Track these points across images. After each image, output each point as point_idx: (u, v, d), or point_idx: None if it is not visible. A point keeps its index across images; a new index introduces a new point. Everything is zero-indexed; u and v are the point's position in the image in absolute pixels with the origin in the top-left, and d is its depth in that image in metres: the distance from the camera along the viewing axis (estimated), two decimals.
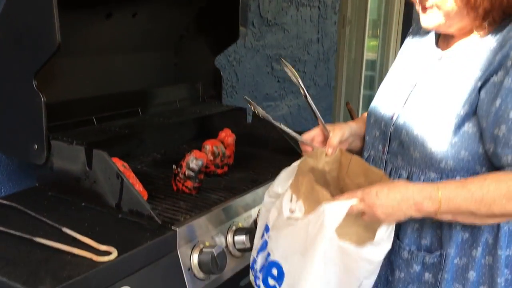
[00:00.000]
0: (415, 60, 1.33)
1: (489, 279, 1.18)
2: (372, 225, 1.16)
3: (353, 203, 1.11)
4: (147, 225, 1.25)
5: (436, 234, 1.22)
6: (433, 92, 1.22)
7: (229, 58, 2.55)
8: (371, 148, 1.34)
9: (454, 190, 1.08)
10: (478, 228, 1.17)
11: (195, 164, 1.47)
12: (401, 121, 1.23)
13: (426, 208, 1.09)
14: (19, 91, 1.38)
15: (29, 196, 1.43)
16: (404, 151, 1.23)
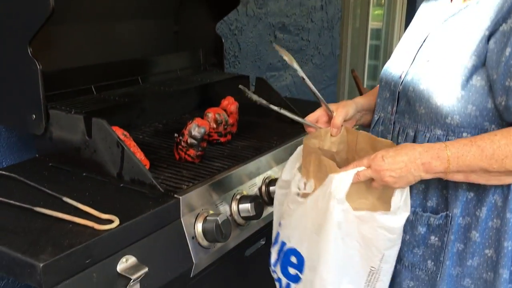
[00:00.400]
0: (425, 19, 1.30)
1: (495, 242, 1.15)
2: (387, 196, 1.13)
3: (360, 170, 1.09)
4: (149, 194, 1.23)
5: (442, 194, 1.20)
6: (441, 46, 1.18)
7: (230, 27, 2.49)
8: (381, 110, 1.32)
9: (463, 148, 1.06)
10: (484, 188, 1.14)
11: (198, 132, 1.44)
12: (409, 78, 1.21)
13: (435, 168, 1.06)
14: (15, 59, 1.34)
15: (29, 167, 1.41)
16: (410, 108, 1.20)
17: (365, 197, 1.14)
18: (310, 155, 1.19)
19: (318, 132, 1.29)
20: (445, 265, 1.19)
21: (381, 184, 1.10)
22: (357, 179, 1.09)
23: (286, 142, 1.64)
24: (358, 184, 1.12)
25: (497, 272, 1.15)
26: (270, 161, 1.55)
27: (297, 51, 3.06)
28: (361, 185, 1.12)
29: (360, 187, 1.12)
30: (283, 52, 1.34)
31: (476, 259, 1.17)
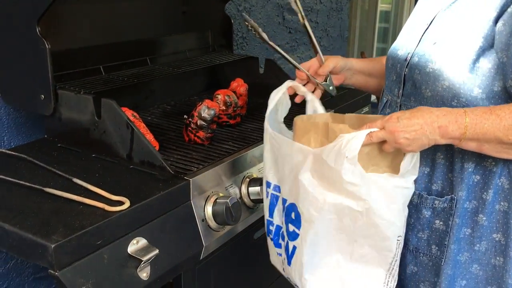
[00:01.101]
0: (432, 1, 1.27)
1: (503, 226, 1.14)
2: (397, 163, 1.11)
3: (373, 131, 1.07)
4: (159, 176, 1.22)
5: (448, 178, 1.18)
6: (447, 29, 1.16)
7: (239, 8, 2.45)
8: (389, 92, 1.30)
9: (482, 115, 1.04)
10: (490, 171, 1.13)
11: (207, 114, 1.42)
12: (415, 60, 1.19)
13: (451, 133, 1.04)
14: (23, 39, 1.32)
15: (38, 147, 1.40)
16: (416, 91, 1.18)
17: (376, 163, 1.11)
18: (308, 133, 1.14)
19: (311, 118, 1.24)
20: (449, 249, 1.18)
21: (394, 146, 1.07)
22: (369, 140, 1.06)
23: None
24: (370, 149, 1.08)
25: (508, 256, 1.13)
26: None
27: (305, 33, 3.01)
28: (372, 150, 1.09)
29: (371, 152, 1.09)
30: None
31: (484, 243, 1.16)
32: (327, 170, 1.07)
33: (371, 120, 1.12)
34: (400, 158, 1.11)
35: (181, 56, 1.86)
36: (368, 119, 1.16)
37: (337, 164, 1.04)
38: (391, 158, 1.11)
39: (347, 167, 1.03)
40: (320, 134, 1.12)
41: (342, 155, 1.03)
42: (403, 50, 1.26)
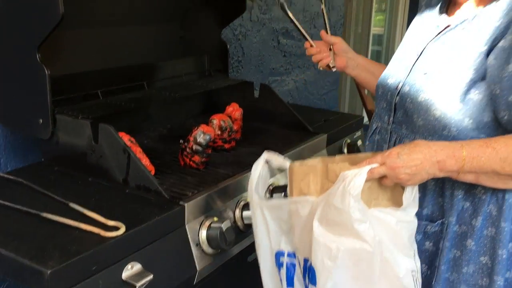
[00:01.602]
0: (421, 31, 1.32)
1: (490, 250, 1.18)
2: (396, 196, 1.13)
3: (373, 167, 1.09)
4: (155, 200, 1.24)
5: (438, 202, 1.22)
6: (438, 59, 1.21)
7: (234, 32, 2.50)
8: (379, 119, 1.34)
9: (478, 149, 1.07)
10: (479, 198, 1.17)
11: (203, 139, 1.44)
12: (406, 89, 1.23)
13: (450, 167, 1.07)
14: (23, 64, 1.35)
15: (35, 171, 1.42)
16: (408, 119, 1.22)
17: (376, 197, 1.13)
18: (306, 176, 1.15)
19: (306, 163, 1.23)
20: (440, 270, 1.22)
21: (394, 181, 1.10)
22: (371, 176, 1.08)
23: (290, 149, 1.65)
24: (370, 183, 1.10)
25: (492, 279, 1.17)
26: (274, 168, 1.56)
27: (299, 56, 3.07)
28: (372, 185, 1.11)
29: (372, 186, 1.11)
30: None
31: (472, 266, 1.19)
32: (334, 213, 1.07)
33: (364, 158, 1.13)
34: (398, 191, 1.13)
35: (178, 81, 1.89)
36: (359, 158, 1.17)
37: (344, 204, 1.05)
38: (391, 191, 1.14)
39: (353, 205, 1.05)
40: (319, 176, 1.14)
41: (348, 193, 1.05)
42: (393, 79, 1.30)
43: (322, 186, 1.13)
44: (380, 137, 1.33)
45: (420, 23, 1.36)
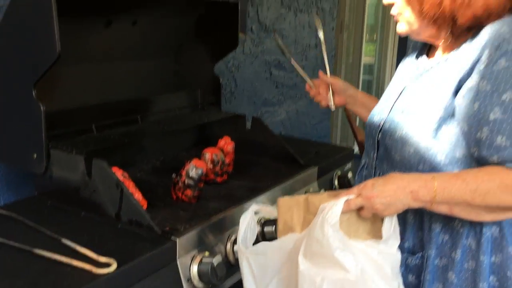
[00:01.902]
0: (405, 72, 1.40)
1: (472, 283, 1.20)
2: (376, 229, 1.17)
3: (350, 198, 1.14)
4: (147, 235, 1.25)
5: (418, 236, 1.27)
6: (414, 98, 1.27)
7: (228, 64, 2.55)
8: (367, 155, 1.41)
9: (449, 180, 1.12)
10: (457, 232, 1.21)
11: (195, 173, 1.47)
12: (386, 127, 1.29)
13: (422, 197, 1.11)
14: (19, 100, 1.38)
15: (28, 205, 1.43)
16: (388, 155, 1.28)
17: (356, 230, 1.17)
18: (290, 210, 1.21)
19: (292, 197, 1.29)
20: None
21: (371, 212, 1.15)
22: (348, 207, 1.14)
23: (281, 182, 1.67)
24: (349, 216, 1.15)
25: None
26: (266, 202, 1.58)
27: (291, 87, 3.13)
28: (351, 218, 1.16)
29: (350, 219, 1.16)
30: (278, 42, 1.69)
31: None
32: (316, 245, 1.11)
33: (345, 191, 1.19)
34: (377, 225, 1.17)
35: (171, 114, 1.92)
36: (339, 192, 1.22)
37: (323, 234, 1.09)
38: (370, 224, 1.17)
39: (332, 234, 1.09)
40: (301, 210, 1.20)
41: (326, 223, 1.09)
42: (377, 117, 1.37)
43: (304, 218, 1.19)
44: (367, 172, 1.39)
45: (406, 65, 1.43)
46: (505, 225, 1.19)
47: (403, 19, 1.24)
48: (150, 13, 1.72)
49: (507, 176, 1.08)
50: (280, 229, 1.25)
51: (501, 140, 1.08)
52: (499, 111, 1.08)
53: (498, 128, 1.08)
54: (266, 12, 2.76)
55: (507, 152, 1.08)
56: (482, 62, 1.11)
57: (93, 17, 1.56)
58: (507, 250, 1.19)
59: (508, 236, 1.19)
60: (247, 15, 2.63)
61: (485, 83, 1.10)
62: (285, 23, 2.95)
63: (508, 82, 1.08)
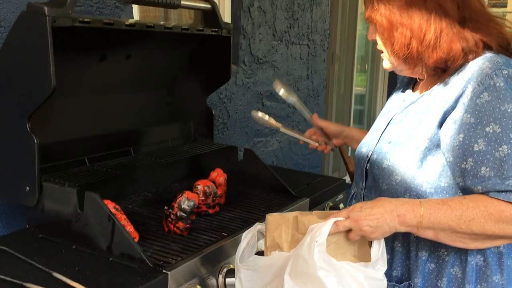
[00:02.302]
0: (392, 106, 1.45)
1: None
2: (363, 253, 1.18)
3: (339, 220, 1.15)
4: (138, 269, 1.25)
5: (405, 265, 1.29)
6: (400, 129, 1.32)
7: (220, 96, 2.59)
8: (356, 185, 1.44)
9: (435, 205, 1.15)
10: (443, 260, 1.24)
11: (187, 205, 1.47)
12: (374, 157, 1.33)
13: (409, 221, 1.14)
14: (12, 133, 1.39)
15: (19, 238, 1.42)
16: (375, 184, 1.32)
17: (343, 252, 1.18)
18: (279, 227, 1.22)
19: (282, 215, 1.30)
20: None
21: (359, 234, 1.16)
22: (336, 229, 1.15)
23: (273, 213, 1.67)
24: (337, 238, 1.17)
25: None
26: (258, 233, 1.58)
27: (284, 118, 3.16)
28: (339, 240, 1.17)
29: (339, 241, 1.17)
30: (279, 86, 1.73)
31: None
32: (303, 264, 1.12)
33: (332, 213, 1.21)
34: (364, 248, 1.19)
35: (164, 146, 1.94)
36: (328, 213, 1.25)
37: (310, 253, 1.10)
38: (357, 247, 1.19)
39: (317, 253, 1.10)
40: (290, 228, 1.21)
41: (313, 242, 1.11)
42: (366, 148, 1.41)
43: (293, 236, 1.20)
44: (356, 202, 1.39)
45: (394, 98, 1.48)
46: (489, 253, 1.22)
47: (385, 56, 1.30)
48: (144, 47, 1.75)
49: (490, 205, 1.12)
50: (267, 245, 1.25)
51: (485, 170, 1.13)
52: (483, 143, 1.13)
53: (482, 159, 1.13)
54: (258, 44, 2.82)
55: (491, 182, 1.12)
56: (466, 96, 1.16)
57: (88, 52, 1.59)
58: (492, 279, 1.22)
59: (493, 265, 1.22)
60: (239, 47, 2.69)
61: (469, 116, 1.15)
62: (277, 55, 3.01)
63: (491, 115, 1.13)
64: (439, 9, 1.18)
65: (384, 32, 1.24)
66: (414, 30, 1.19)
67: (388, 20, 1.21)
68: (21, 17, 1.30)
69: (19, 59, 1.35)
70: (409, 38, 1.20)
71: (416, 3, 1.19)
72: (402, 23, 1.20)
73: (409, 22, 1.19)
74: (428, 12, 1.18)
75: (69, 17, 1.28)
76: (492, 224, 1.11)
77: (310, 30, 3.30)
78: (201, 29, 1.74)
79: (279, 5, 2.95)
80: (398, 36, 1.21)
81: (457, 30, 1.19)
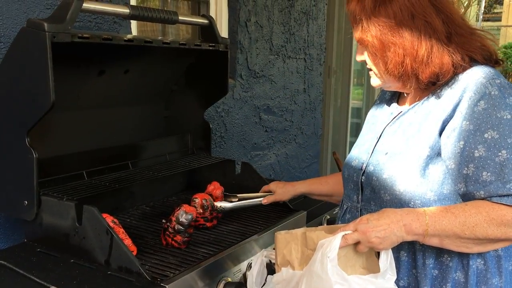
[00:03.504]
0: (377, 120, 1.47)
1: None
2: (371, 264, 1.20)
3: (347, 233, 1.17)
4: (136, 282, 1.25)
5: (412, 274, 1.29)
6: (396, 140, 1.33)
7: (217, 109, 2.60)
8: (348, 200, 1.44)
9: (439, 213, 1.17)
10: (447, 266, 1.25)
11: (185, 218, 1.48)
12: (371, 169, 1.34)
13: (415, 230, 1.17)
14: (11, 147, 1.40)
15: (17, 252, 1.42)
16: (375, 195, 1.32)
17: (353, 264, 1.20)
18: (288, 244, 1.24)
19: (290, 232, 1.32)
20: None
21: (367, 246, 1.18)
22: (345, 242, 1.17)
23: (270, 226, 1.69)
24: (346, 251, 1.18)
25: None
26: (255, 246, 1.59)
27: (281, 131, 3.18)
28: (348, 253, 1.19)
29: (348, 254, 1.19)
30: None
31: None
32: (317, 281, 1.14)
33: (340, 227, 1.22)
34: (372, 259, 1.20)
35: (161, 159, 1.95)
36: (335, 227, 1.26)
37: (323, 269, 1.12)
38: (365, 259, 1.21)
39: (331, 268, 1.12)
40: (299, 244, 1.23)
41: (325, 257, 1.13)
42: (357, 161, 1.42)
43: (302, 253, 1.23)
44: (350, 216, 1.41)
45: (375, 114, 1.50)
46: (488, 257, 1.24)
47: (374, 74, 1.33)
48: (142, 61, 1.77)
49: (492, 210, 1.15)
50: (278, 263, 1.27)
51: (486, 175, 1.16)
52: (483, 149, 1.16)
53: (483, 164, 1.16)
54: (255, 59, 2.85)
55: (492, 186, 1.15)
56: (463, 104, 1.20)
57: (87, 67, 1.60)
58: (492, 282, 1.24)
59: (492, 268, 1.24)
60: (236, 61, 2.71)
61: (468, 123, 1.18)
62: (274, 69, 3.03)
63: (489, 122, 1.16)
64: (427, 26, 1.21)
65: (377, 53, 1.26)
66: (407, 48, 1.22)
67: (379, 40, 1.24)
68: (21, 33, 1.32)
69: (18, 74, 1.36)
70: (402, 56, 1.23)
71: (405, 22, 1.22)
72: (394, 42, 1.23)
73: (401, 40, 1.22)
74: (417, 30, 1.21)
75: (68, 33, 1.29)
76: (495, 228, 1.14)
77: (306, 44, 3.33)
78: (199, 44, 1.76)
79: (276, 20, 2.98)
80: (391, 55, 1.24)
81: (446, 44, 1.22)
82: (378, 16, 1.23)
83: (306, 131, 3.47)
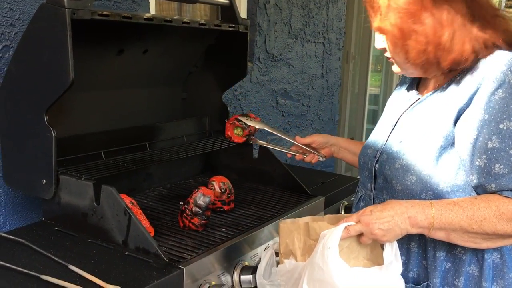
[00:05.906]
0: (396, 106, 1.42)
1: None
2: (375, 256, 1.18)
3: (349, 225, 1.15)
4: (154, 263, 1.25)
5: (422, 265, 1.27)
6: (411, 128, 1.29)
7: (235, 93, 2.58)
8: (363, 187, 1.42)
9: (446, 206, 1.13)
10: (460, 259, 1.22)
11: (203, 201, 1.47)
12: (384, 157, 1.31)
13: (420, 222, 1.13)
14: (30, 126, 1.39)
15: (35, 231, 1.43)
16: (388, 185, 1.29)
17: (356, 256, 1.18)
18: (291, 234, 1.23)
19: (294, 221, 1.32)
20: None
21: (370, 238, 1.15)
22: (347, 233, 1.15)
23: (288, 211, 1.67)
24: (349, 242, 1.16)
25: None
26: (272, 231, 1.57)
27: (298, 116, 3.15)
28: (351, 244, 1.17)
29: (350, 246, 1.17)
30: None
31: None
32: (318, 272, 1.12)
33: (343, 217, 1.21)
34: (377, 251, 1.18)
35: (179, 141, 1.93)
36: (339, 217, 1.24)
37: (324, 260, 1.11)
38: (369, 251, 1.18)
39: (332, 259, 1.10)
40: (302, 234, 1.22)
41: (326, 248, 1.11)
42: (372, 149, 1.39)
43: (305, 243, 1.22)
44: (364, 204, 1.39)
45: (395, 99, 1.46)
46: (505, 251, 1.20)
47: (395, 62, 1.28)
48: (161, 42, 1.75)
49: (502, 204, 1.11)
50: (281, 252, 1.27)
51: (499, 168, 1.11)
52: (497, 140, 1.11)
53: (496, 156, 1.11)
54: (273, 42, 2.81)
55: (504, 180, 1.11)
56: (481, 93, 1.15)
57: (106, 45, 1.58)
58: (509, 276, 1.20)
59: (509, 262, 1.20)
60: (254, 44, 2.67)
61: (483, 112, 1.13)
62: (292, 52, 2.99)
63: (505, 112, 1.11)
64: (450, 10, 1.15)
65: (398, 42, 1.20)
66: (429, 35, 1.17)
67: (399, 29, 1.18)
68: (40, 9, 1.30)
69: (37, 52, 1.34)
70: (424, 44, 1.17)
71: (427, 7, 1.16)
72: (416, 30, 1.17)
73: (423, 28, 1.16)
74: (440, 15, 1.15)
75: (88, 10, 1.27)
76: (504, 224, 1.10)
77: (325, 28, 3.28)
78: (219, 24, 1.73)
79: (295, 2, 2.93)
80: (413, 43, 1.18)
81: (468, 30, 1.16)
82: (397, 2, 1.17)
83: (323, 117, 3.43)
